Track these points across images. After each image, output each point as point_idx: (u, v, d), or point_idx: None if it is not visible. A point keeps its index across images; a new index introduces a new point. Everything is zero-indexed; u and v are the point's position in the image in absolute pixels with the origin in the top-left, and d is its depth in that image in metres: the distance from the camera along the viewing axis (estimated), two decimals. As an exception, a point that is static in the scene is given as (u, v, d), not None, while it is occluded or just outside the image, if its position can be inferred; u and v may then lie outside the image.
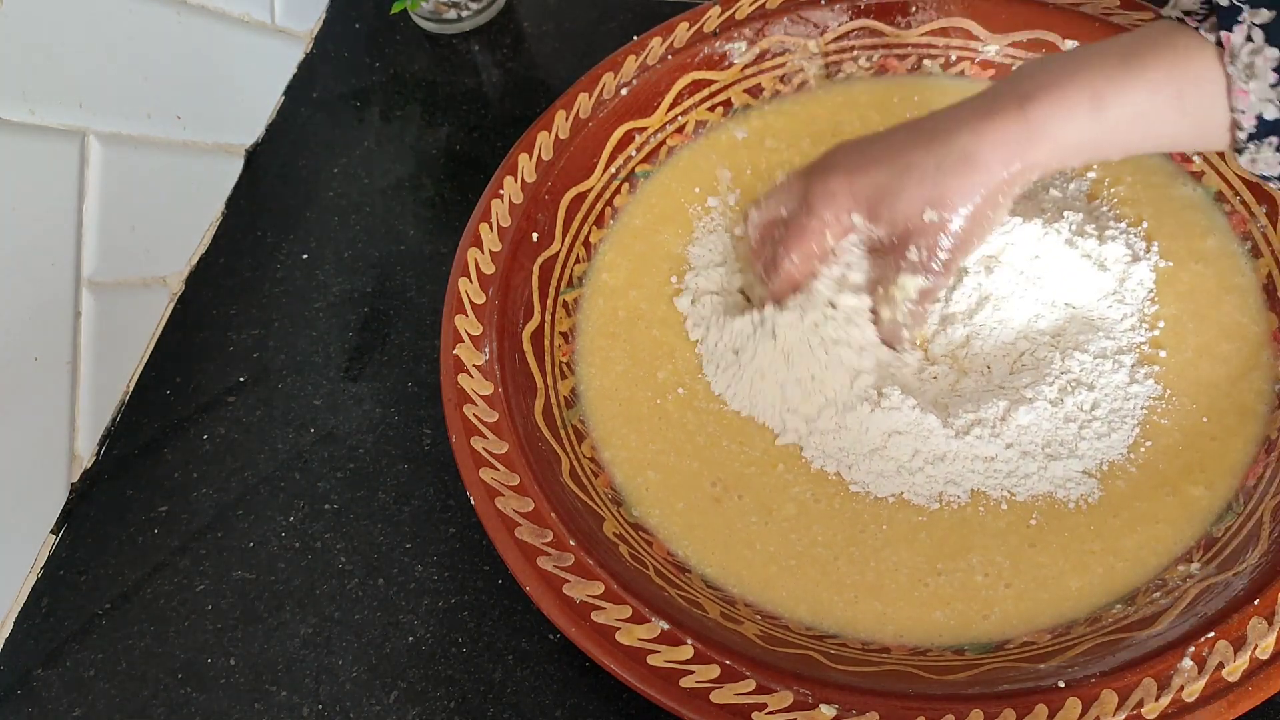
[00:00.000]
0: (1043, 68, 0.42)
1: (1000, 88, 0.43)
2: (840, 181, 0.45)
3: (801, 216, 0.47)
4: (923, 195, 0.43)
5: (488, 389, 0.48)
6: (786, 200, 0.49)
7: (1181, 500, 0.45)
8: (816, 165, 0.47)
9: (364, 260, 0.62)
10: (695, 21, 0.60)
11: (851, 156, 0.46)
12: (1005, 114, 0.41)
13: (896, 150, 0.44)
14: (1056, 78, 0.41)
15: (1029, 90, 0.41)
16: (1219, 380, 0.48)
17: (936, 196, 0.43)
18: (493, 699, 0.46)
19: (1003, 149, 0.42)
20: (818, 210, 0.46)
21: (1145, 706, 0.37)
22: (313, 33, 0.75)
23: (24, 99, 0.52)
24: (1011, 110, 0.41)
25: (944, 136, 0.43)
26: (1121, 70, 0.40)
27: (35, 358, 0.53)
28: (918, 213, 0.43)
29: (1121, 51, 0.41)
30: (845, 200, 0.45)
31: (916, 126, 0.45)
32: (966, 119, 0.43)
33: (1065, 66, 0.41)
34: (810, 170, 0.48)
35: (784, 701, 0.39)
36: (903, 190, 0.43)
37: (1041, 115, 0.41)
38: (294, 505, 0.53)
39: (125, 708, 0.48)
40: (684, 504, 0.48)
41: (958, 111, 0.43)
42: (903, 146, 0.44)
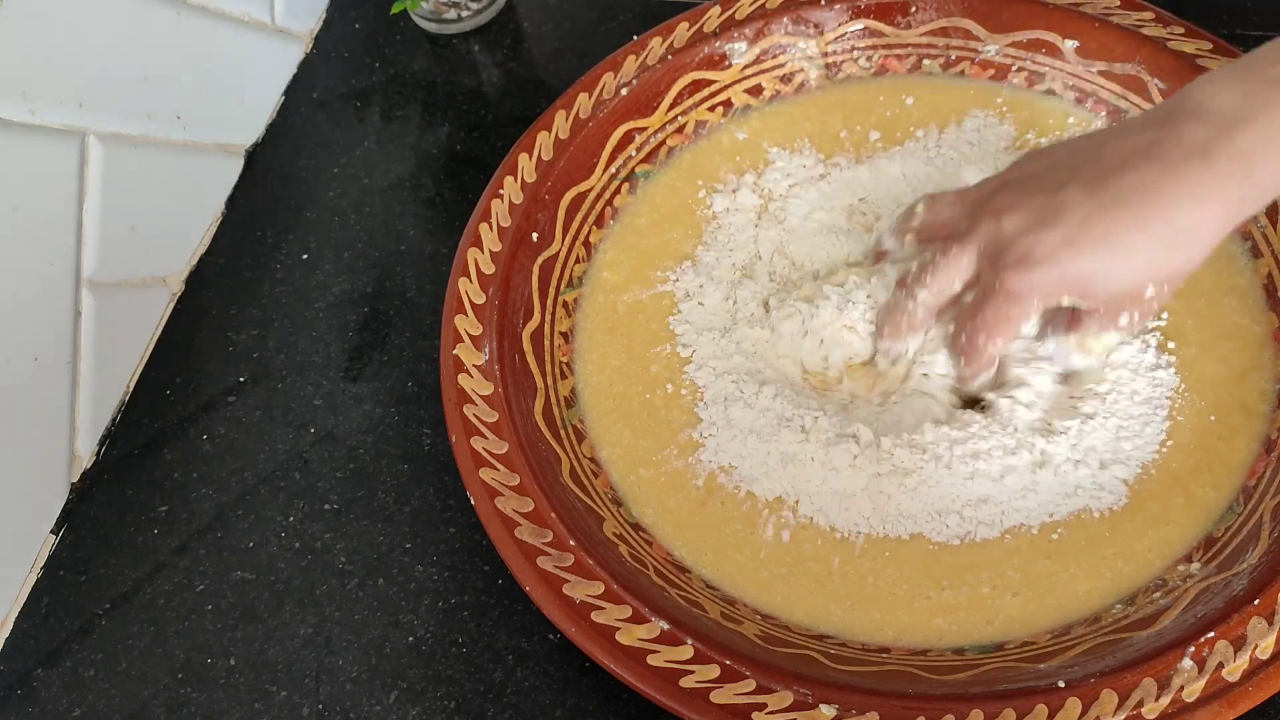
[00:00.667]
0: (1251, 102, 0.38)
1: (1204, 131, 0.38)
2: (1048, 274, 0.40)
3: (1004, 306, 0.42)
4: (1147, 278, 0.40)
5: (488, 389, 0.48)
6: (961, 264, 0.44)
7: (1189, 500, 0.45)
8: (1006, 243, 0.41)
9: (364, 260, 0.62)
10: (695, 21, 0.60)
11: (1052, 237, 0.40)
12: (1231, 180, 0.37)
13: (1106, 228, 0.39)
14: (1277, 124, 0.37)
15: (1250, 143, 0.37)
16: (1223, 378, 0.48)
17: (1163, 276, 0.40)
18: (493, 699, 0.46)
19: (1228, 218, 0.38)
20: (1024, 301, 0.41)
21: (1145, 706, 0.37)
22: (313, 33, 0.75)
23: (24, 99, 0.52)
24: (1238, 176, 0.37)
25: (1160, 208, 0.38)
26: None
27: (35, 358, 0.53)
28: (1140, 292, 0.41)
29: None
30: (1057, 289, 0.41)
31: (1118, 189, 0.39)
32: (1181, 183, 0.38)
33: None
34: (997, 246, 0.42)
35: (784, 701, 0.39)
36: (1124, 276, 0.40)
37: (1269, 174, 0.38)
38: (294, 505, 0.53)
39: (125, 708, 0.48)
40: (675, 503, 0.48)
41: (1164, 167, 0.38)
42: (1113, 222, 0.39)
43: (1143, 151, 0.39)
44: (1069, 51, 0.58)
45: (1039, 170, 0.43)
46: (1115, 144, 0.40)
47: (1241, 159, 0.37)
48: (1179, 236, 0.39)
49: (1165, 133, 0.39)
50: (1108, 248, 0.39)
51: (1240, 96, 0.38)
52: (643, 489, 0.49)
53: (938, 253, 0.44)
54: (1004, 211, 0.42)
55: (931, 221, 0.46)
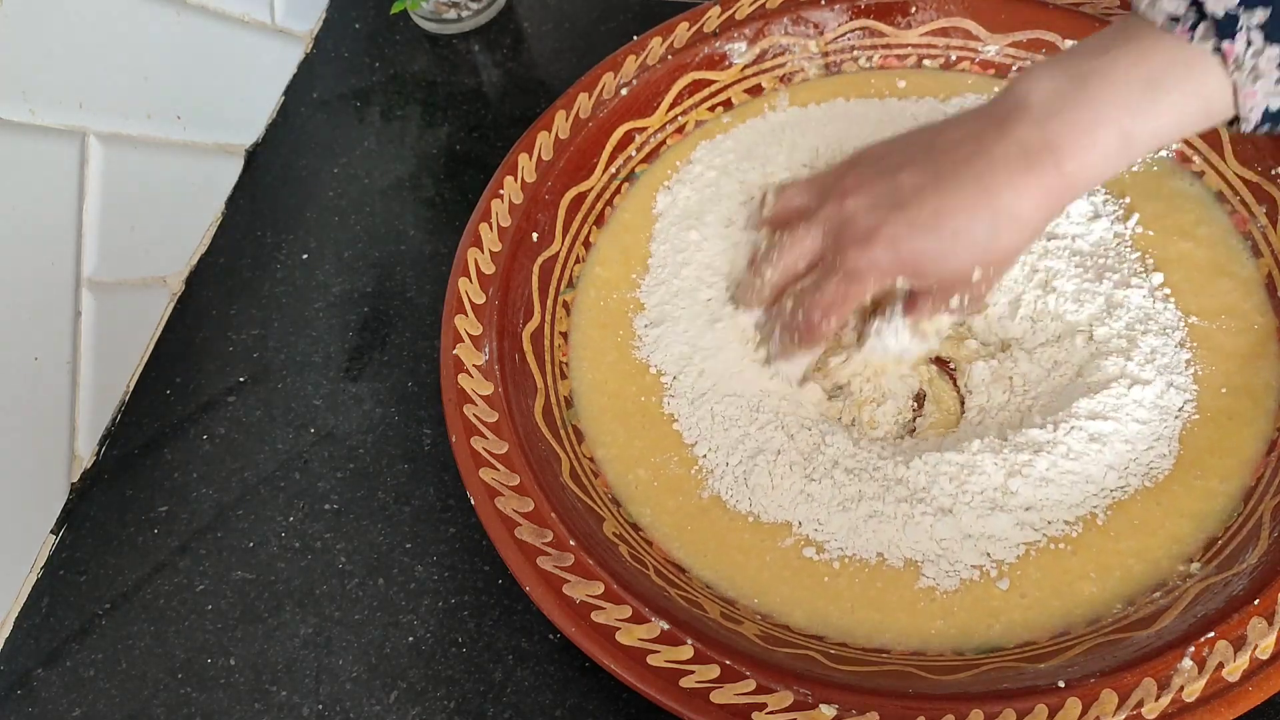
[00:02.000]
0: (1060, 99, 0.41)
1: (1024, 126, 0.41)
2: (884, 251, 0.43)
3: (841, 284, 0.44)
4: (973, 259, 0.43)
5: (488, 389, 0.48)
6: (806, 245, 0.46)
7: (1203, 492, 0.45)
8: (846, 222, 0.44)
9: (364, 260, 0.62)
10: (695, 21, 0.60)
11: (890, 215, 0.43)
12: (1043, 169, 0.41)
13: (937, 206, 0.42)
14: (1083, 118, 0.40)
15: (1058, 139, 0.40)
16: (1231, 351, 0.48)
17: (988, 259, 0.43)
18: (493, 699, 0.46)
19: (1046, 207, 0.42)
20: (862, 278, 0.44)
21: (1145, 706, 0.37)
22: (313, 33, 0.75)
23: (24, 99, 0.52)
24: (1050, 168, 0.41)
25: (986, 194, 0.41)
26: (1148, 103, 0.40)
27: (35, 358, 0.53)
28: (968, 273, 0.43)
29: (1140, 79, 0.40)
30: (893, 267, 0.44)
31: (951, 176, 0.42)
32: (1003, 173, 0.41)
33: (1087, 101, 0.40)
34: (839, 226, 0.45)
35: (784, 701, 0.39)
36: (953, 256, 0.43)
37: (1077, 166, 0.40)
38: (294, 505, 0.53)
39: (125, 708, 0.48)
40: (674, 505, 0.48)
41: (989, 156, 0.42)
42: (943, 202, 0.42)
43: (972, 141, 0.42)
44: (1069, 51, 0.58)
45: (882, 154, 0.45)
46: (950, 133, 0.43)
47: (1051, 153, 0.40)
48: (1003, 222, 0.41)
49: (992, 125, 0.42)
50: (939, 229, 0.42)
51: (1051, 92, 0.41)
52: (640, 489, 0.49)
53: (784, 233, 0.47)
54: (847, 193, 0.44)
55: (782, 208, 0.48)
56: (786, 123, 0.60)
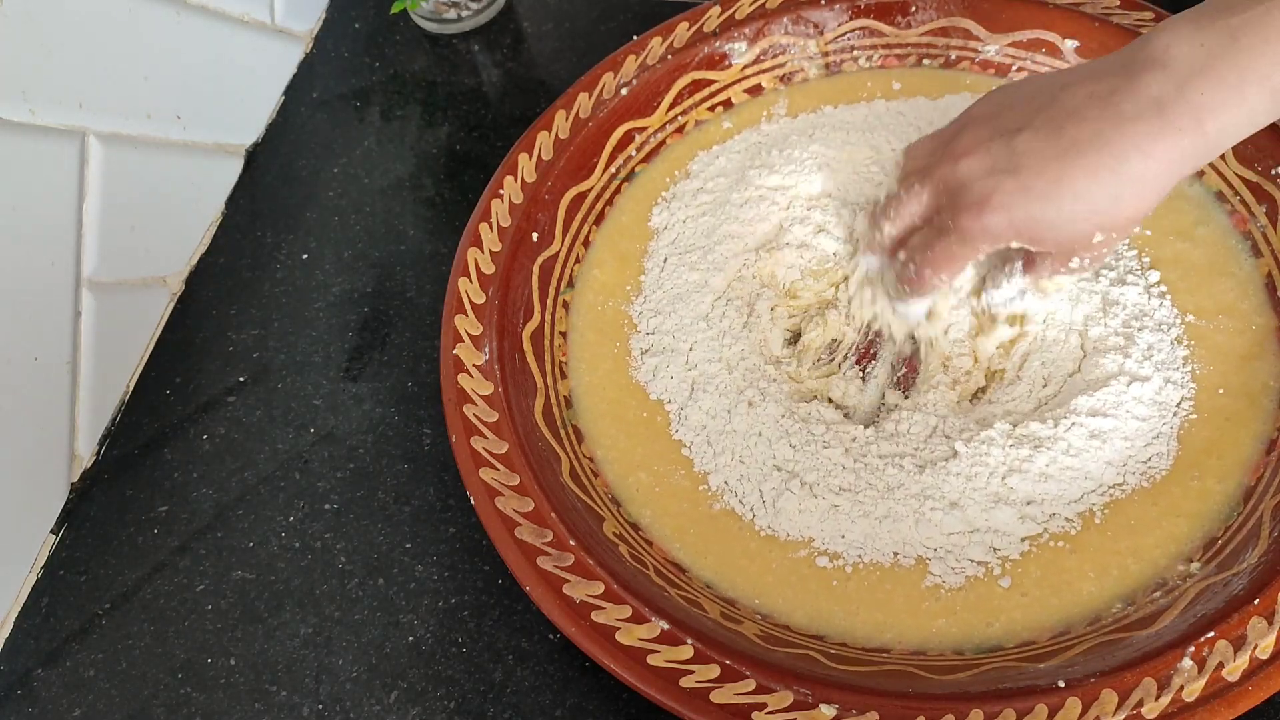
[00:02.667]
0: (1207, 55, 0.38)
1: (1161, 82, 0.38)
2: (999, 219, 0.41)
3: (952, 245, 0.43)
4: (1094, 226, 0.41)
5: (488, 389, 0.48)
6: (919, 204, 0.46)
7: (1201, 491, 0.45)
8: (961, 186, 0.43)
9: (364, 260, 0.62)
10: (695, 21, 0.60)
11: (1005, 183, 0.41)
12: (1181, 130, 0.38)
13: (1058, 174, 0.40)
14: (1231, 74, 0.37)
15: (1203, 96, 0.38)
16: (1229, 351, 0.48)
17: (1110, 224, 0.41)
18: (493, 699, 0.46)
19: (1178, 168, 0.39)
20: (974, 242, 0.43)
21: (1145, 706, 0.37)
22: (313, 33, 0.75)
23: (24, 99, 0.52)
24: (1189, 129, 0.38)
25: (1110, 157, 0.39)
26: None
27: (35, 358, 0.53)
28: (1088, 238, 0.41)
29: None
30: (1007, 233, 0.42)
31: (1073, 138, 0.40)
32: (1131, 135, 0.38)
33: (1238, 56, 0.37)
34: (954, 188, 0.43)
35: (784, 701, 0.39)
36: (1071, 223, 0.41)
37: (1220, 126, 0.38)
38: (294, 505, 0.53)
39: (125, 708, 0.48)
40: (677, 509, 0.48)
41: (1118, 117, 0.39)
42: (1064, 169, 0.40)
43: (1100, 100, 0.40)
44: (1069, 51, 0.58)
45: (998, 111, 0.43)
46: (1076, 88, 0.41)
47: (1193, 113, 0.38)
48: (1127, 185, 0.39)
49: (1123, 81, 0.39)
50: (1057, 195, 0.40)
51: (1196, 47, 0.38)
52: (641, 492, 0.49)
53: (902, 186, 0.46)
54: (962, 155, 0.43)
55: (908, 168, 0.47)
56: (778, 138, 0.59)
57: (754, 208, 0.55)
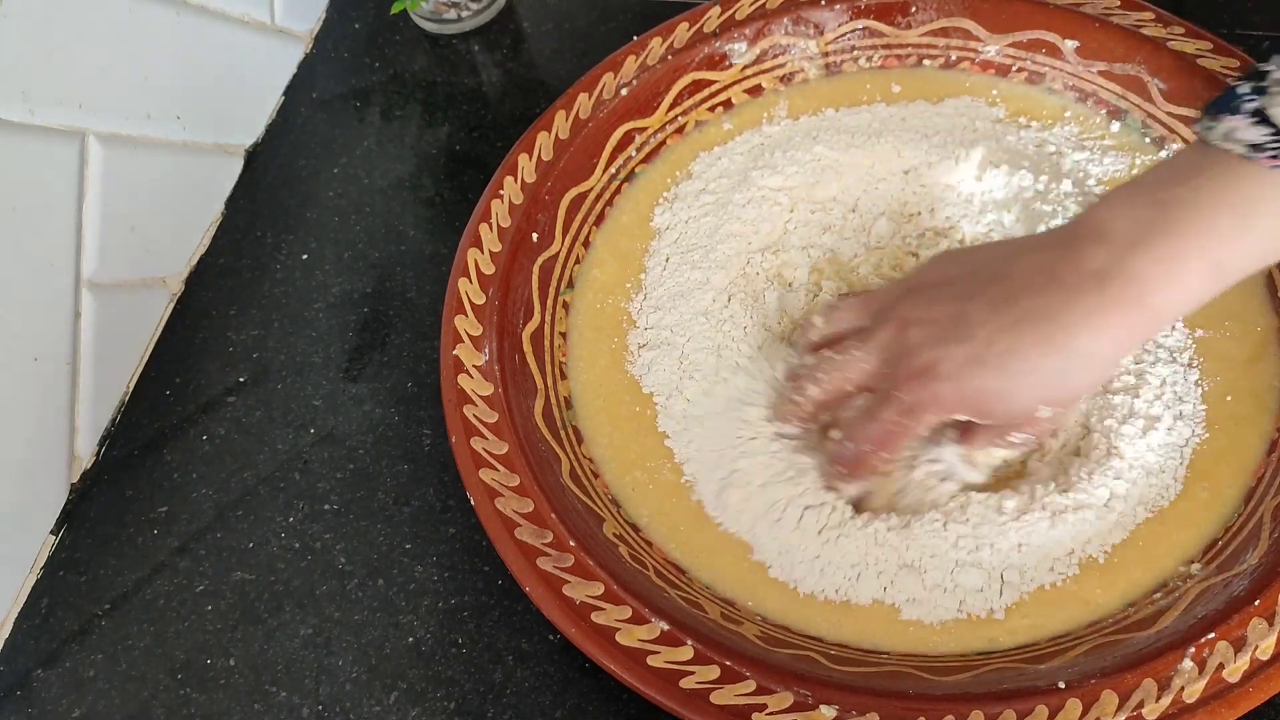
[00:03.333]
0: (1142, 228, 0.38)
1: (1102, 256, 0.38)
2: (947, 389, 0.40)
3: (896, 417, 0.42)
4: (1041, 398, 0.40)
5: (488, 389, 0.48)
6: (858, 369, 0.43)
7: (1209, 498, 0.45)
8: (907, 353, 0.41)
9: (364, 260, 0.62)
10: (695, 21, 0.60)
11: (955, 352, 0.40)
12: (1125, 307, 0.38)
13: (1009, 345, 0.39)
14: (1170, 249, 0.37)
15: (1141, 269, 0.37)
16: (1235, 357, 0.48)
17: (1057, 399, 0.40)
18: (493, 699, 0.46)
19: (1125, 342, 0.39)
20: (920, 414, 0.41)
21: (1146, 707, 0.37)
22: (313, 33, 0.75)
23: (24, 99, 0.52)
24: (1131, 303, 0.38)
25: (1061, 331, 0.38)
26: (1239, 230, 0.37)
27: (35, 358, 0.53)
28: (1033, 411, 0.40)
29: (1229, 205, 0.37)
30: (955, 405, 0.41)
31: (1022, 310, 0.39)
32: (1078, 313, 0.38)
33: (1172, 231, 0.37)
34: (898, 355, 0.42)
35: (784, 702, 0.39)
36: (1020, 396, 0.40)
37: (1163, 302, 0.38)
38: (294, 505, 0.53)
39: (125, 708, 0.48)
40: (669, 506, 0.48)
41: (1062, 289, 0.39)
42: (1016, 341, 0.39)
43: (1045, 272, 0.39)
44: (1069, 51, 0.58)
45: (946, 280, 0.42)
46: (1022, 260, 0.41)
47: (1134, 286, 0.38)
48: (1077, 360, 0.39)
49: (1066, 254, 0.39)
50: (1008, 368, 0.39)
51: (1132, 221, 0.38)
52: (637, 491, 0.49)
53: (839, 349, 0.44)
54: (910, 321, 0.42)
55: (833, 333, 0.46)
56: (780, 140, 0.59)
57: (757, 208, 0.55)
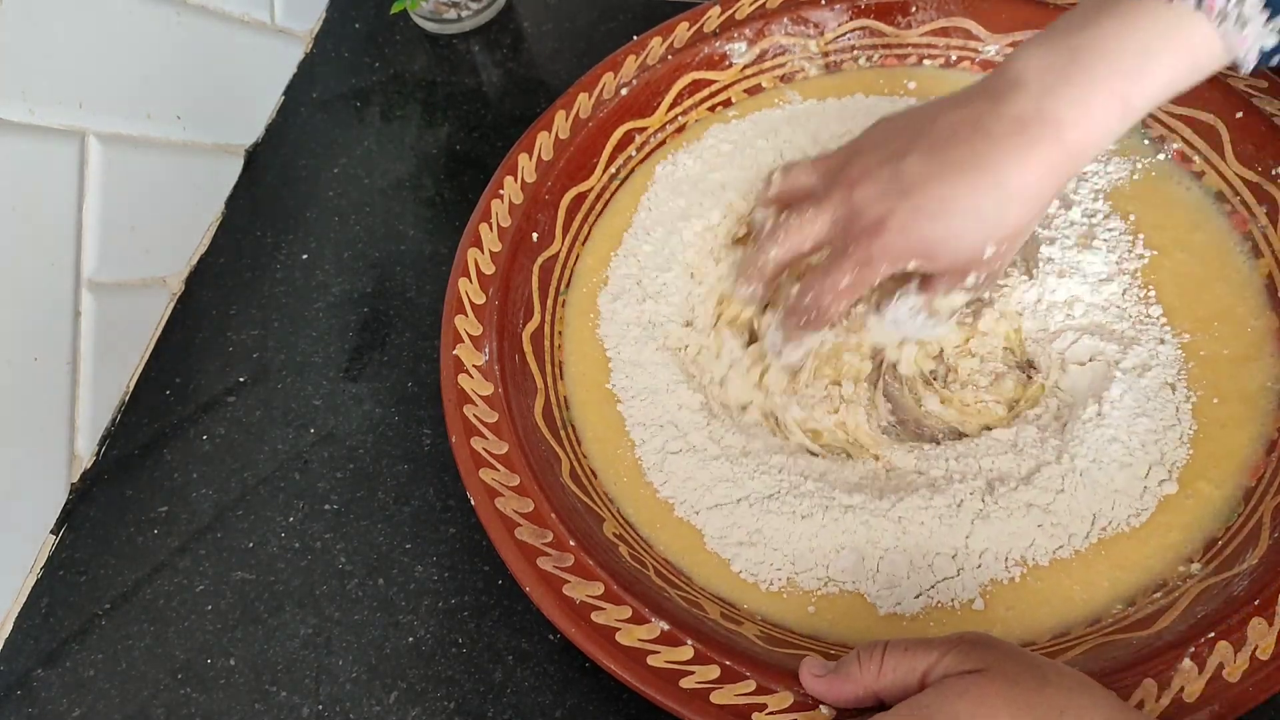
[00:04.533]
0: (1054, 73, 0.41)
1: (1020, 102, 0.41)
2: (896, 240, 0.43)
3: (852, 269, 0.44)
4: (984, 237, 0.43)
5: (488, 389, 0.48)
6: (813, 229, 0.46)
7: (1196, 501, 0.44)
8: (856, 212, 0.44)
9: (364, 260, 0.62)
10: (695, 21, 0.60)
11: (899, 205, 0.43)
12: (1045, 145, 0.41)
13: (945, 193, 0.42)
14: (1078, 90, 0.41)
15: (1056, 111, 0.41)
16: (1225, 358, 0.48)
17: (999, 236, 0.43)
18: (493, 699, 0.46)
19: (1051, 178, 0.42)
20: (874, 264, 0.44)
21: (1145, 707, 0.37)
22: (313, 33, 0.75)
23: (24, 99, 0.52)
24: (1050, 141, 0.41)
25: (989, 174, 0.42)
26: (1140, 67, 0.40)
27: (35, 358, 0.53)
28: (980, 251, 0.43)
29: (1131, 45, 0.40)
30: (905, 254, 0.44)
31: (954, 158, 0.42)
32: (1004, 151, 0.41)
33: (1080, 73, 0.41)
34: (848, 214, 0.45)
35: (784, 702, 0.39)
36: (964, 237, 0.43)
37: (1080, 137, 0.41)
38: (294, 505, 0.53)
39: (125, 708, 0.48)
40: (664, 510, 0.48)
41: (988, 136, 0.42)
42: (951, 188, 0.42)
43: (971, 122, 0.42)
44: (1069, 51, 0.58)
45: (883, 139, 0.45)
46: (949, 114, 0.43)
47: (1053, 125, 0.41)
48: (1010, 198, 0.42)
49: (987, 103, 0.42)
50: (947, 212, 0.42)
51: (1045, 68, 0.41)
52: (633, 491, 0.48)
53: (792, 214, 0.47)
54: (855, 182, 0.44)
55: (788, 188, 0.49)
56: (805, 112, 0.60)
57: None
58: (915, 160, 0.43)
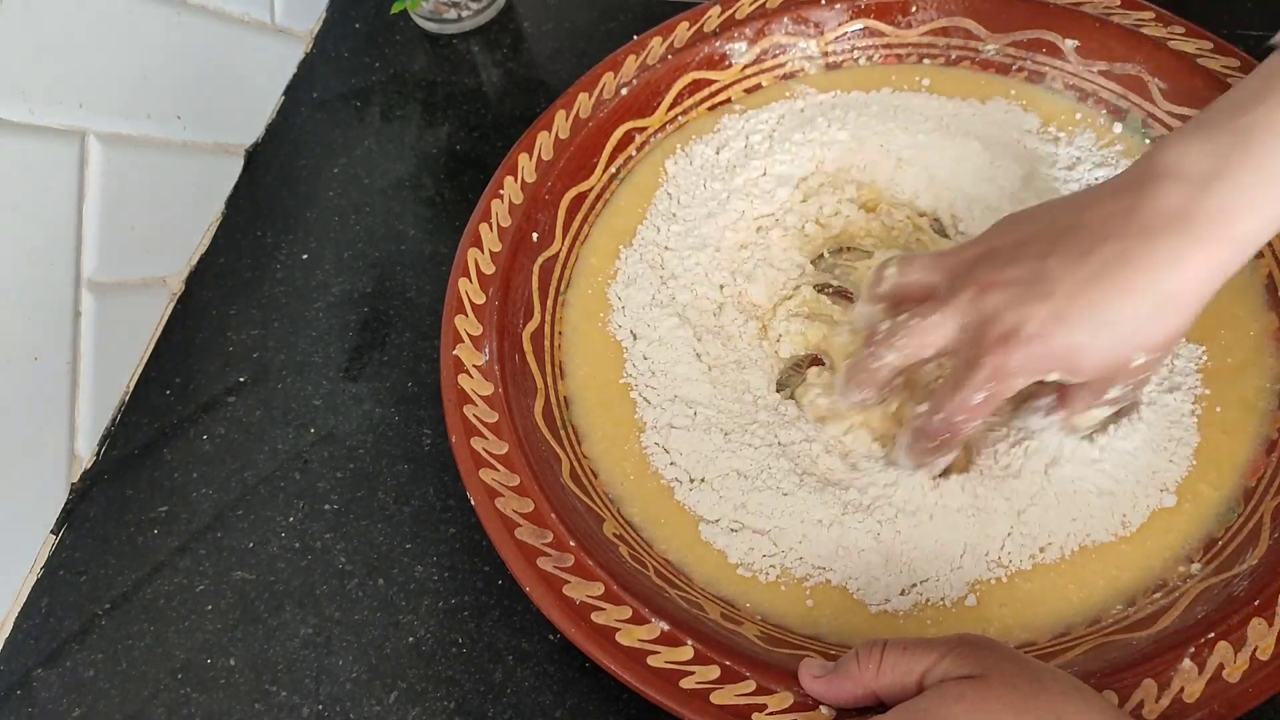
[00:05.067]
0: (1220, 160, 0.37)
1: (1180, 193, 0.38)
2: (1035, 349, 0.39)
3: (985, 384, 0.40)
4: (1134, 346, 0.39)
5: (488, 389, 0.48)
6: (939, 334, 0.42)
7: (1193, 502, 0.44)
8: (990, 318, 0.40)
9: (364, 260, 0.62)
10: (695, 21, 0.60)
11: (1039, 311, 0.39)
12: (1209, 242, 0.37)
13: (1093, 297, 0.38)
14: (1252, 176, 0.37)
15: (1225, 203, 0.37)
16: (1222, 369, 0.48)
17: (1151, 344, 0.39)
18: (493, 699, 0.46)
19: (1213, 278, 0.38)
20: (1010, 378, 0.40)
21: (1146, 707, 0.37)
22: (313, 33, 0.75)
23: (24, 99, 0.52)
24: (1215, 237, 0.37)
25: (1143, 274, 0.38)
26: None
27: (35, 358, 0.53)
28: (1129, 361, 0.39)
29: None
30: (1045, 365, 0.40)
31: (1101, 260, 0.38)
32: (1162, 249, 0.37)
33: (1254, 157, 0.37)
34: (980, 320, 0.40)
35: (784, 702, 0.39)
36: (1111, 347, 0.39)
37: (1249, 229, 0.37)
38: (294, 505, 0.53)
39: (125, 708, 0.48)
40: (664, 506, 0.48)
41: (1143, 233, 0.38)
42: (1099, 292, 0.38)
43: (1121, 217, 0.39)
44: (1069, 51, 0.58)
45: (1020, 240, 0.42)
46: (1094, 210, 0.40)
47: (1220, 219, 0.37)
48: (1164, 303, 0.38)
49: (1141, 198, 0.39)
50: (1094, 320, 0.39)
51: (1208, 155, 0.38)
52: (629, 488, 0.48)
53: (913, 315, 0.43)
54: (988, 286, 0.41)
55: (905, 284, 0.45)
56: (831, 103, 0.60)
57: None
58: (1058, 262, 0.39)
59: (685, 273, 0.54)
